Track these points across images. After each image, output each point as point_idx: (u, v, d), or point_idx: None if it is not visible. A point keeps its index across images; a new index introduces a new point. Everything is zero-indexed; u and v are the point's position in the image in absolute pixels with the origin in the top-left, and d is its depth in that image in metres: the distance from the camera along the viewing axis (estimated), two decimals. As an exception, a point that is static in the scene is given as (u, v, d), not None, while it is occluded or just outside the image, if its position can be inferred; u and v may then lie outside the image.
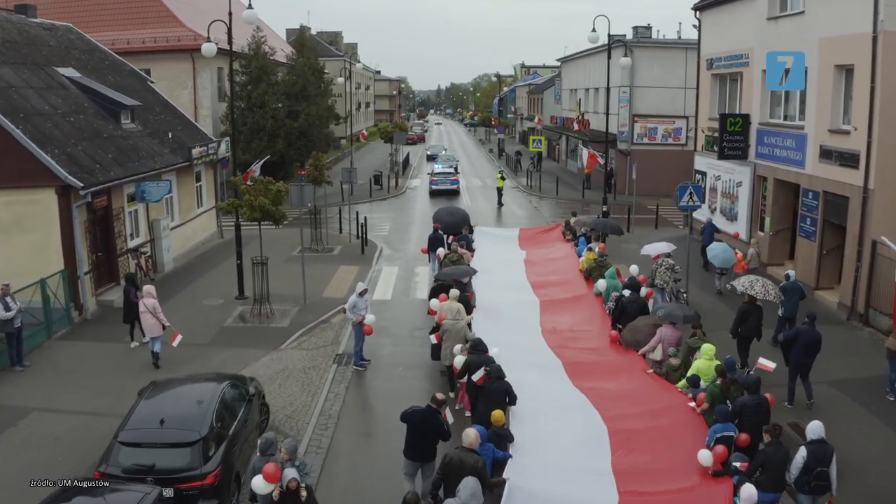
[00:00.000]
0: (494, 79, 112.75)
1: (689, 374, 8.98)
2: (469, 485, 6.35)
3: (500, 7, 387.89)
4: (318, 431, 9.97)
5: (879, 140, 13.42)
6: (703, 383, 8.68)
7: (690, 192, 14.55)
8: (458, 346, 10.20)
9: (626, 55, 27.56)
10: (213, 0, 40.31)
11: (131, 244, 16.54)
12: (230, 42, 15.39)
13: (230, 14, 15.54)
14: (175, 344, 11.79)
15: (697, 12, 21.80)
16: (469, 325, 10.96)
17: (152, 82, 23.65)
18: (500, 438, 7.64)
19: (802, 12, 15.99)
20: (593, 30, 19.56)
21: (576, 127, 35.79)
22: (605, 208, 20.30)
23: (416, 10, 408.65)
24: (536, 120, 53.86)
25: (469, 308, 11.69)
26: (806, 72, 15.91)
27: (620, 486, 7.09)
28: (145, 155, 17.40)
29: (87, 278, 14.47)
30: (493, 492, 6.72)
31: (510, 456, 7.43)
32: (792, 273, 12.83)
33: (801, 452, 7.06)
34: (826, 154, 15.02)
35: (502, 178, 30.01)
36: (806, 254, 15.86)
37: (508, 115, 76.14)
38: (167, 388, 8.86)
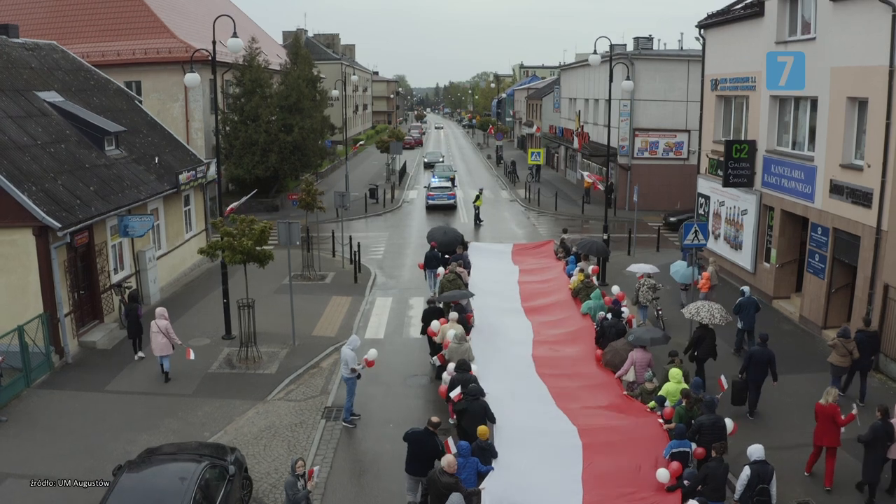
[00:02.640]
0: (492, 79, 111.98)
1: (658, 394, 10.05)
2: (454, 500, 7.46)
3: (497, 3, 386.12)
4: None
5: (894, 179, 12.85)
6: (668, 404, 9.66)
7: (696, 230, 13.98)
8: (451, 365, 10.71)
9: (627, 74, 26.88)
10: (206, 11, 39.81)
11: (115, 278, 15.95)
12: (213, 67, 14.71)
13: (224, 27, 14.85)
14: (191, 358, 12.62)
15: (701, 30, 21.15)
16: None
17: (140, 101, 22.98)
18: (484, 452, 8.45)
19: (814, 38, 15.34)
20: (594, 51, 18.93)
21: (576, 143, 35.12)
22: (605, 236, 19.70)
23: (415, 6, 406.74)
24: (535, 128, 53.18)
25: (468, 329, 12.40)
26: (817, 102, 15.39)
27: (586, 495, 8.09)
28: (129, 184, 16.78)
29: (68, 320, 13.89)
30: (472, 501, 7.76)
31: (492, 469, 8.30)
32: (747, 289, 14.03)
33: (745, 471, 8.00)
34: (837, 189, 14.44)
35: (479, 198, 28.79)
36: (814, 290, 15.30)
37: (507, 119, 75.39)
38: (144, 469, 8.29)
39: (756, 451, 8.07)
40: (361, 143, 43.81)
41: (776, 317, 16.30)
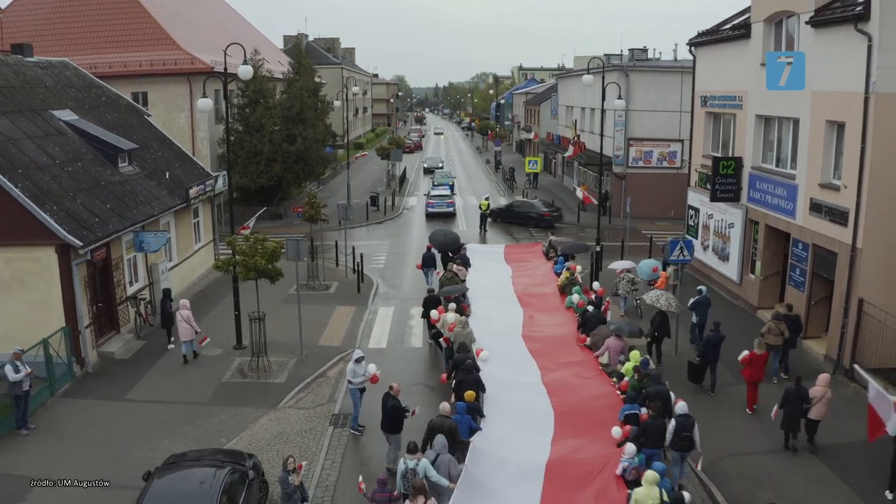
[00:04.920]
0: (491, 81, 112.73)
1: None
2: (440, 440, 9.42)
3: (497, 2, 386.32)
4: (315, 505, 10.20)
5: (868, 200, 13.64)
6: (626, 378, 11.80)
7: (681, 247, 14.79)
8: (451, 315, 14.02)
9: (619, 93, 27.62)
10: (209, 19, 40.52)
11: (130, 290, 16.72)
12: (226, 104, 15.45)
13: (232, 41, 15.60)
14: (204, 345, 15.25)
15: (692, 48, 21.95)
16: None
17: (148, 115, 23.71)
18: (473, 411, 10.76)
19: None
20: (587, 71, 19.69)
21: (570, 151, 35.87)
22: (598, 248, 20.60)
23: (414, 5, 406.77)
24: (533, 135, 53.95)
25: (466, 317, 14.54)
26: (799, 123, 16.19)
27: (555, 447, 10.18)
28: (143, 200, 17.54)
29: (88, 331, 14.66)
30: (463, 451, 9.64)
31: (480, 429, 10.45)
32: (703, 289, 15.91)
33: (672, 423, 10.12)
34: (816, 208, 15.25)
35: (487, 203, 29.90)
36: (795, 302, 16.05)
37: (506, 123, 76.14)
38: (173, 474, 9.05)
39: (681, 407, 10.18)
40: (363, 154, 44.62)
41: (759, 325, 17.07)
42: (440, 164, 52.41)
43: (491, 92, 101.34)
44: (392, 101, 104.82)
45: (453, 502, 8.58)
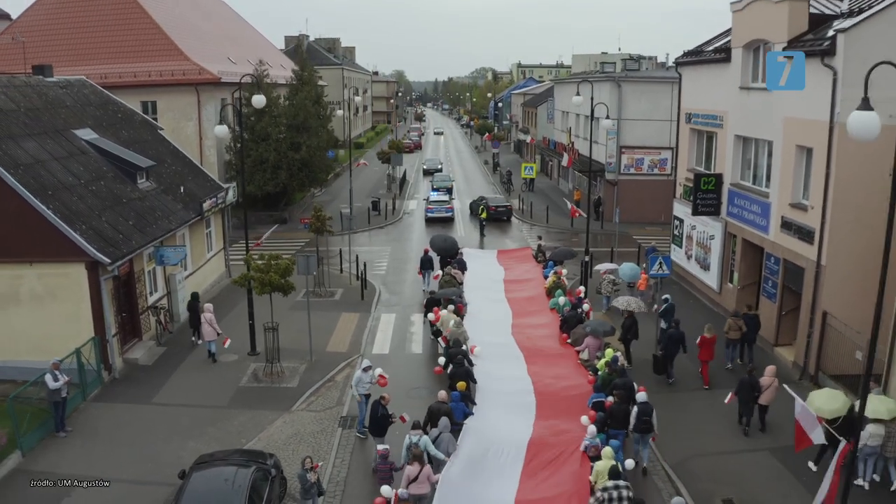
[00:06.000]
0: (491, 78, 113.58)
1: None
2: (444, 420, 11.45)
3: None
4: (328, 500, 11.47)
5: (832, 221, 14.86)
6: (600, 372, 13.80)
7: (660, 262, 16.03)
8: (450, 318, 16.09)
9: (607, 113, 28.73)
10: (216, 27, 41.52)
11: (151, 300, 17.96)
12: (241, 138, 16.55)
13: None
14: (226, 346, 16.69)
15: (678, 67, 23.10)
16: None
17: (161, 129, 24.82)
18: (466, 399, 12.72)
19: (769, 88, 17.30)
20: (577, 93, 20.83)
21: (565, 159, 37.05)
22: (587, 258, 21.92)
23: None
24: (529, 139, 55.07)
25: (461, 317, 16.73)
26: (772, 146, 17.40)
27: (535, 428, 12.19)
28: (161, 215, 18.74)
29: (115, 340, 15.90)
30: (457, 432, 11.52)
31: (472, 413, 12.43)
32: (669, 297, 17.54)
33: (635, 409, 11.88)
34: (786, 225, 16.48)
35: (484, 210, 31.17)
36: (767, 312, 17.37)
37: (504, 122, 77.16)
38: (206, 473, 10.27)
39: (641, 396, 11.95)
40: (364, 162, 45.90)
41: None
42: (439, 166, 53.50)
43: (489, 95, 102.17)
44: (392, 100, 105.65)
45: (447, 471, 10.46)
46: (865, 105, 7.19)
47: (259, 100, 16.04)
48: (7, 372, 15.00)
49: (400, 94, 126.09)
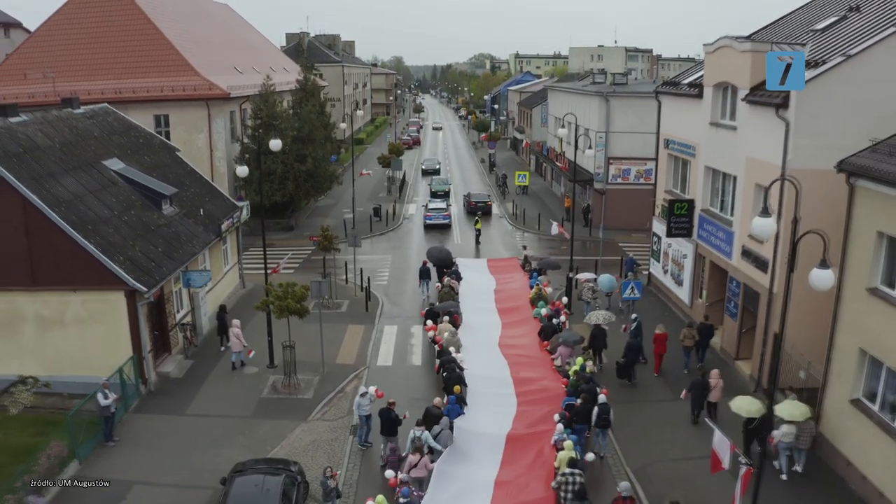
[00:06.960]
0: (489, 65, 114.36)
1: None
2: (444, 419, 14.14)
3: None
4: (343, 501, 13.62)
5: (782, 253, 16.86)
6: (571, 379, 16.12)
7: (632, 287, 18.08)
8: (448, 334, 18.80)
9: (590, 143, 30.43)
10: (225, 38, 42.90)
11: (178, 317, 20.00)
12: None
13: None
14: (251, 357, 19.18)
15: (658, 95, 24.88)
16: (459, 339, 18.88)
17: (178, 151, 26.58)
18: (460, 401, 15.28)
19: (735, 128, 19.19)
20: (566, 124, 22.64)
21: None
22: (570, 274, 23.97)
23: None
24: (524, 143, 56.69)
25: (456, 327, 19.48)
26: (736, 181, 19.31)
27: (514, 424, 15.06)
28: (185, 239, 20.68)
29: (150, 356, 17.97)
30: (452, 429, 14.19)
31: (464, 413, 15.02)
32: (635, 315, 19.55)
33: (596, 409, 14.52)
34: (746, 254, 18.49)
35: (479, 221, 33.58)
36: (730, 329, 19.47)
37: (501, 118, 78.59)
38: (245, 478, 12.32)
39: (602, 398, 14.58)
40: (368, 172, 47.69)
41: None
42: (437, 166, 55.19)
43: (486, 97, 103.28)
44: (392, 99, 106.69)
45: (442, 459, 13.28)
46: (765, 212, 9.24)
47: (275, 144, 17.87)
48: (55, 386, 17.06)
49: (398, 84, 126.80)
